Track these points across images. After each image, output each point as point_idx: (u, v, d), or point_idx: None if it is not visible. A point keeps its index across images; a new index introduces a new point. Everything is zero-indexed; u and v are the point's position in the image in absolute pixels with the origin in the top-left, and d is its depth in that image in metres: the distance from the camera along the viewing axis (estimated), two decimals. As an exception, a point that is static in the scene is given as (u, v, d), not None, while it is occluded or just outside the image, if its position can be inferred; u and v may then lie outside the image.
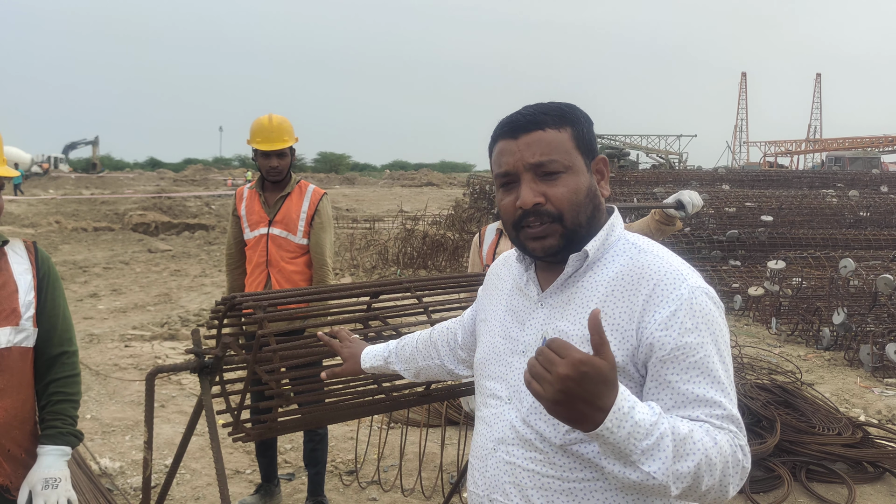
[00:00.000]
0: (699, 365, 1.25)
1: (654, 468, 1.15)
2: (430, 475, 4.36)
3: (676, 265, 1.35)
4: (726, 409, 1.25)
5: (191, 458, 4.52)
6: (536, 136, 1.37)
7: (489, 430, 1.44)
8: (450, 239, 13.68)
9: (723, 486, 1.22)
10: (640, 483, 1.17)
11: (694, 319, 1.27)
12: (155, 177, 56.01)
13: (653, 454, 1.15)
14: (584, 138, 1.40)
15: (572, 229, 1.37)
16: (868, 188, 19.67)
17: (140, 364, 6.77)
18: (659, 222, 3.32)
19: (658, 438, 1.15)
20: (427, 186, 46.80)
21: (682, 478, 1.17)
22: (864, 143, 52.47)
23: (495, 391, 1.45)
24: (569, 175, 1.36)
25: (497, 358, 1.47)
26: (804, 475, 4.33)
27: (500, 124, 1.43)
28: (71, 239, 18.48)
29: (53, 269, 2.17)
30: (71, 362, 2.15)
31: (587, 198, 1.38)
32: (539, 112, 1.39)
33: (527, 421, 1.37)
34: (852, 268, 8.46)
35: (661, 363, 1.27)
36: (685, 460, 1.17)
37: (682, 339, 1.26)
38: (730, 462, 1.22)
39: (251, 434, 2.09)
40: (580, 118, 1.42)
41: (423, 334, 1.89)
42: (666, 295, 1.29)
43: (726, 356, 1.31)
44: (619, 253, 1.39)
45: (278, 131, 3.75)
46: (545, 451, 1.34)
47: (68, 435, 2.10)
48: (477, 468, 1.46)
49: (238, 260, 3.95)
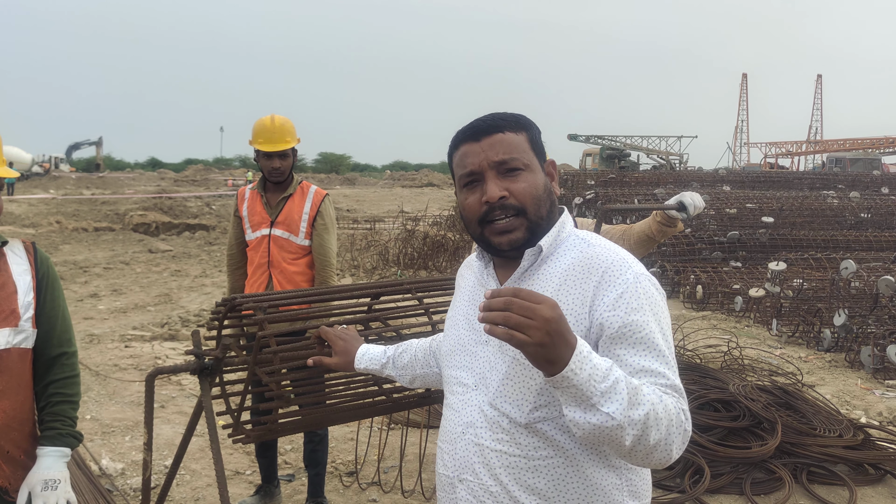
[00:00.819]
0: (644, 340, 1.38)
1: (613, 409, 1.24)
2: (431, 476, 4.36)
3: (623, 255, 1.48)
4: (669, 379, 1.37)
5: (191, 458, 4.52)
6: (498, 138, 1.51)
7: (457, 415, 1.54)
8: (450, 240, 13.68)
9: (668, 444, 1.31)
10: (600, 427, 1.25)
11: (638, 301, 1.40)
12: (156, 177, 56.06)
13: (610, 396, 1.24)
14: (537, 142, 1.56)
15: (535, 222, 1.50)
16: (869, 189, 19.62)
17: (140, 364, 6.77)
18: (660, 224, 3.31)
19: (614, 382, 1.25)
20: (428, 187, 46.79)
21: (635, 424, 1.26)
22: (864, 144, 52.41)
23: (461, 379, 1.56)
24: (528, 172, 1.51)
25: (462, 348, 1.58)
26: (805, 477, 4.32)
27: (461, 131, 1.56)
28: (71, 239, 18.48)
29: (52, 269, 2.16)
30: (70, 363, 2.15)
31: (545, 193, 1.53)
32: (497, 118, 1.54)
33: (493, 404, 1.48)
34: (853, 269, 8.45)
35: (610, 340, 1.40)
36: (637, 408, 1.26)
37: (628, 318, 1.39)
38: (674, 421, 1.32)
39: (251, 435, 2.09)
40: (532, 125, 1.58)
41: (423, 343, 1.93)
42: (613, 280, 1.43)
43: (668, 334, 1.44)
44: (570, 247, 1.52)
45: (280, 132, 3.75)
46: (511, 431, 1.45)
47: (67, 436, 2.09)
48: (446, 451, 1.56)
49: (239, 261, 3.95)
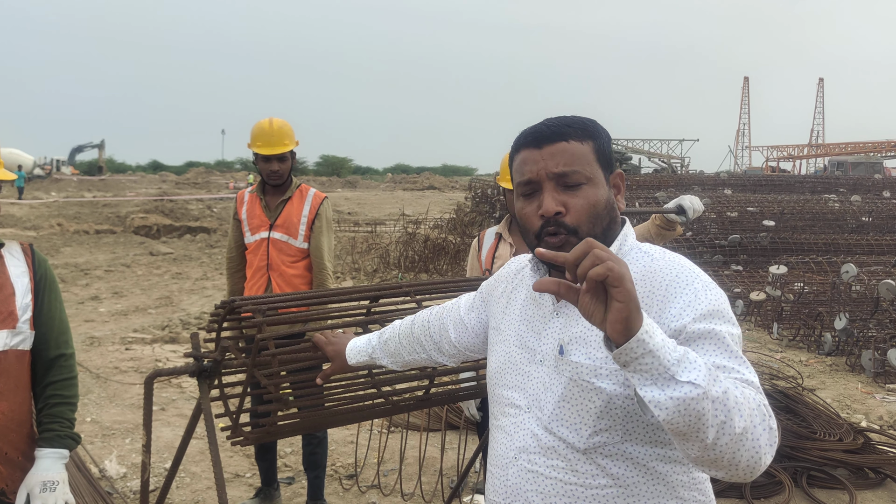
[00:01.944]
0: (714, 343, 1.26)
1: (694, 376, 1.10)
2: (431, 479, 4.36)
3: (688, 266, 1.39)
4: (744, 375, 1.23)
5: (191, 461, 4.52)
6: (560, 147, 1.40)
7: (509, 438, 1.44)
8: (451, 242, 13.69)
9: (755, 437, 1.16)
10: (684, 400, 1.10)
11: (708, 308, 1.29)
12: (157, 180, 56.14)
13: (686, 365, 1.11)
14: (604, 152, 1.44)
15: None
16: (871, 193, 19.62)
17: (141, 367, 6.77)
18: (659, 227, 3.31)
19: (685, 352, 1.13)
20: (429, 190, 46.82)
21: (716, 402, 1.11)
22: (866, 148, 52.42)
23: (513, 400, 1.45)
24: (589, 187, 1.40)
25: (513, 367, 1.47)
26: (805, 481, 4.32)
27: (524, 134, 1.46)
28: (72, 241, 18.50)
29: (50, 271, 2.17)
30: (68, 365, 2.15)
31: (605, 210, 1.42)
32: (563, 124, 1.42)
33: (549, 428, 1.38)
34: (854, 273, 8.44)
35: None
36: (715, 384, 1.12)
37: (697, 326, 1.27)
38: (755, 412, 1.17)
39: (249, 438, 2.09)
40: (601, 133, 1.46)
41: (403, 328, 1.87)
42: (680, 290, 1.32)
43: (738, 341, 1.31)
44: (633, 261, 1.42)
45: (279, 135, 3.75)
46: (568, 457, 1.35)
47: (66, 438, 2.09)
48: (497, 477, 1.46)
49: (239, 264, 3.95)
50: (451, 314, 1.79)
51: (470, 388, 2.54)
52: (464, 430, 4.76)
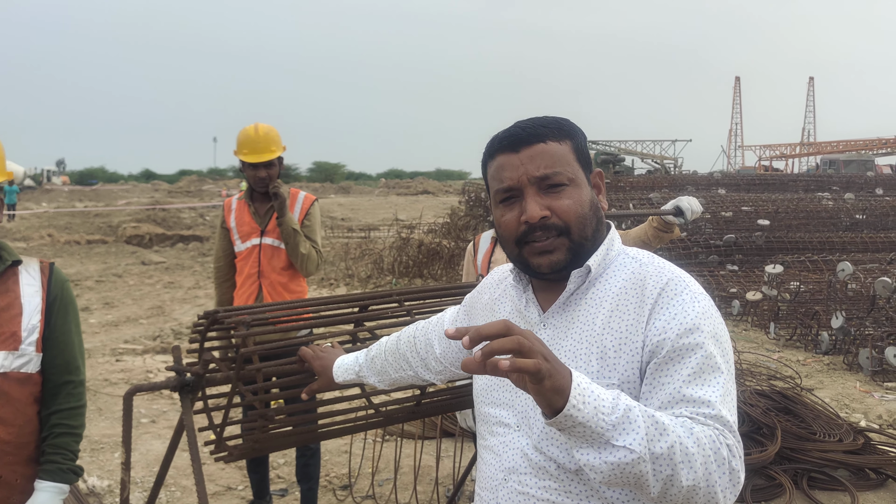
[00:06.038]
0: (698, 363, 1.22)
1: (630, 440, 1.07)
2: (427, 489, 4.28)
3: (678, 273, 1.34)
4: (714, 409, 1.18)
5: (182, 475, 4.43)
6: (539, 149, 1.34)
7: (498, 459, 1.38)
8: (446, 247, 13.61)
9: (710, 487, 1.12)
10: (619, 465, 1.08)
11: (694, 322, 1.25)
12: (149, 188, 55.91)
13: (624, 427, 1.08)
14: (582, 151, 1.39)
15: (579, 243, 1.34)
16: (863, 191, 19.63)
17: (131, 379, 6.68)
18: (657, 229, 3.25)
19: (625, 410, 1.09)
20: (423, 195, 46.77)
21: (659, 460, 1.09)
22: (857, 145, 52.56)
23: (502, 418, 1.39)
24: (573, 188, 1.34)
25: (501, 384, 1.41)
26: (806, 483, 4.27)
27: (498, 139, 1.39)
28: (63, 252, 18.38)
29: (68, 292, 2.07)
30: (77, 392, 2.06)
31: (591, 210, 1.37)
32: (538, 125, 1.36)
33: (539, 448, 1.31)
34: (850, 271, 8.42)
35: (662, 362, 1.24)
36: (659, 441, 1.09)
37: (685, 340, 1.23)
38: (712, 458, 1.13)
39: (234, 454, 2.02)
40: (577, 131, 1.41)
41: (390, 344, 1.81)
42: (667, 301, 1.28)
43: (728, 355, 1.28)
44: (621, 267, 1.37)
45: (265, 142, 3.70)
46: (560, 478, 1.29)
47: (68, 472, 2.02)
48: (487, 500, 1.39)
49: (227, 273, 3.88)
50: (435, 328, 1.72)
51: (463, 399, 2.48)
52: (459, 438, 4.69)
